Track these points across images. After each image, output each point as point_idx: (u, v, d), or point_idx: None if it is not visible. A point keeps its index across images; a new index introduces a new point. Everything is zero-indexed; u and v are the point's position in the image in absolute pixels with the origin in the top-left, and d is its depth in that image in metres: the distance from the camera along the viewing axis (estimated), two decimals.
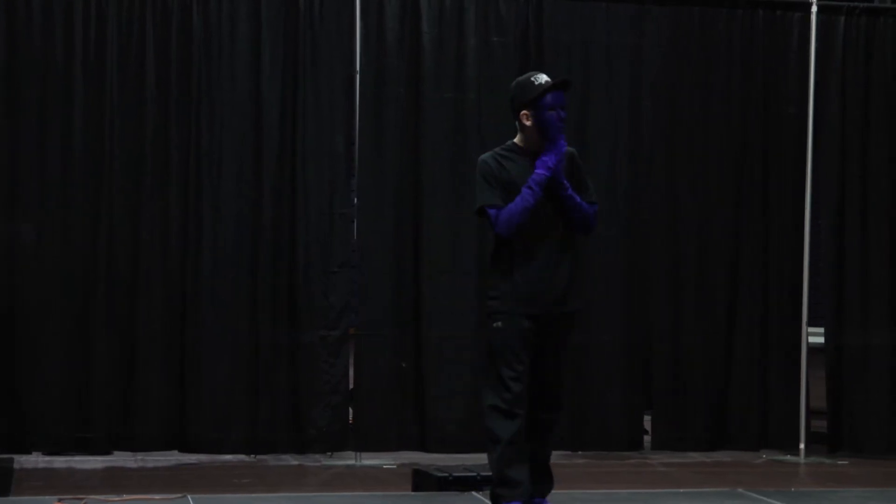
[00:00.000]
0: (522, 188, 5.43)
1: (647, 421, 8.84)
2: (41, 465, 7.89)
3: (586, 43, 8.60)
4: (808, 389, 8.80)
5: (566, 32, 8.55)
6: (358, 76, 8.24)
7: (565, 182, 5.49)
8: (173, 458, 8.09)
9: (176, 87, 8.08)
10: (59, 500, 6.32)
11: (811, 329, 8.87)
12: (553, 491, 6.31)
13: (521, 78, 5.63)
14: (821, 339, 8.96)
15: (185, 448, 8.12)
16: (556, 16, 8.55)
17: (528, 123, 5.51)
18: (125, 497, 6.63)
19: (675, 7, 8.76)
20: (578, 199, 5.52)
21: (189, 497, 6.62)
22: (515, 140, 5.59)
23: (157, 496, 6.66)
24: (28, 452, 7.99)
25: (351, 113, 8.26)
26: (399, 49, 8.35)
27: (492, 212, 5.51)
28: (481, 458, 7.98)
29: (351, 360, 8.32)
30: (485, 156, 5.62)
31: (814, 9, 8.80)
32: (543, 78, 5.52)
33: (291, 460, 8.18)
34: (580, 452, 8.55)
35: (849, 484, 7.81)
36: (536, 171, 5.45)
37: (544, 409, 5.63)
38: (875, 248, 8.91)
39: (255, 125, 8.17)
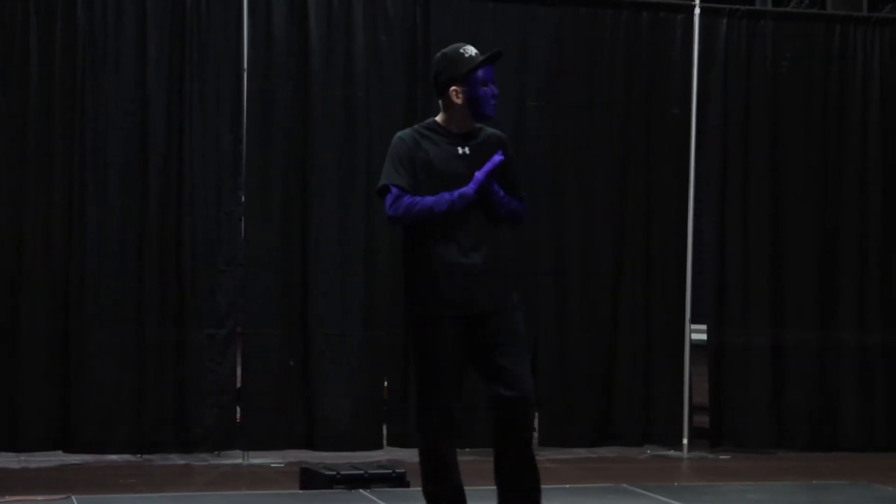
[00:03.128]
0: (444, 195, 4.94)
1: (536, 418, 8.80)
2: None
3: (473, 43, 8.43)
4: (690, 386, 8.94)
5: (453, 32, 8.39)
6: (245, 74, 8.23)
7: (495, 189, 5.01)
8: (57, 458, 8.03)
9: (60, 83, 8.03)
10: None
11: (694, 327, 8.98)
12: None
13: (447, 50, 5.10)
14: (703, 337, 9.10)
15: (70, 448, 8.04)
16: (443, 15, 8.59)
17: (457, 101, 5.00)
18: (8, 498, 6.59)
19: (561, 7, 8.86)
20: (506, 201, 5.07)
21: (73, 498, 6.62)
22: (437, 119, 5.09)
23: (40, 497, 6.64)
24: None
25: (238, 111, 8.24)
26: (287, 47, 8.34)
27: (394, 190, 4.96)
28: (369, 456, 8.10)
29: (238, 359, 8.29)
30: (402, 132, 5.11)
31: (697, 11, 8.94)
32: (473, 50, 5.06)
33: (178, 460, 8.16)
34: (468, 449, 8.46)
35: (730, 478, 7.96)
36: (470, 185, 4.95)
37: (501, 404, 5.02)
38: (755, 249, 9.08)
39: (140, 122, 8.14)
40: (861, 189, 9.27)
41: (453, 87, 5.00)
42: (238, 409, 8.30)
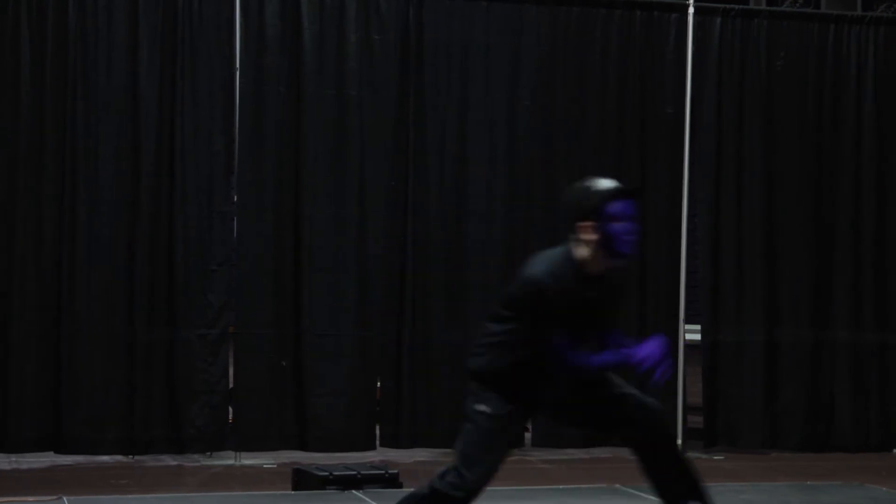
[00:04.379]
0: (594, 358, 4.72)
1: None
2: None
3: (466, 42, 8.72)
4: (685, 386, 8.99)
5: (446, 31, 8.69)
6: (238, 73, 8.27)
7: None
8: (48, 459, 8.06)
9: (51, 83, 8.07)
10: None
11: (688, 326, 9.08)
12: None
13: (579, 184, 4.83)
14: (697, 337, 9.14)
15: (61, 449, 8.06)
16: (435, 14, 8.64)
17: (588, 237, 4.71)
18: None
19: (554, 7, 8.89)
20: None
21: (65, 499, 6.63)
22: (576, 254, 4.75)
23: (31, 498, 6.67)
24: None
25: (231, 110, 8.28)
26: (279, 46, 8.40)
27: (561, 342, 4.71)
28: (362, 457, 8.12)
29: (230, 359, 8.36)
30: (541, 276, 4.71)
31: (690, 10, 9.03)
32: (606, 184, 4.76)
33: (170, 460, 8.22)
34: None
35: (724, 478, 7.94)
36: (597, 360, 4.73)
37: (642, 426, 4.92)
38: (749, 248, 9.14)
39: (132, 122, 8.19)
40: (856, 188, 9.34)
41: (583, 223, 4.71)
42: (230, 409, 8.34)
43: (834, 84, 9.30)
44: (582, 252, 4.75)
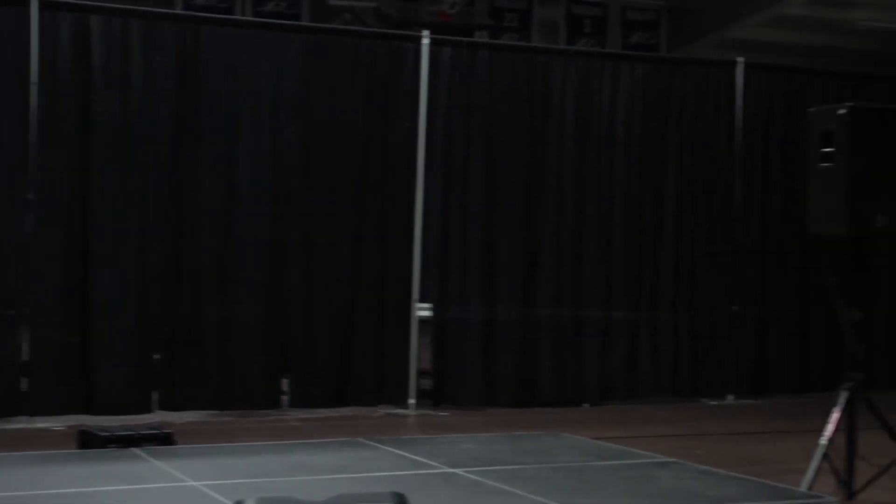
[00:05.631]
0: None
1: (286, 383, 9.09)
2: None
3: (237, 62, 8.76)
4: (417, 354, 9.27)
5: (219, 54, 8.70)
6: (35, 87, 8.22)
7: None
8: None
9: None
10: None
11: (421, 305, 9.31)
12: (195, 444, 6.56)
13: None
14: (429, 314, 9.40)
15: None
16: (211, 39, 8.70)
17: None
18: None
19: (311, 35, 9.12)
20: None
21: None
22: None
23: None
24: None
25: (27, 120, 8.24)
26: (72, 63, 8.34)
27: None
28: (141, 419, 8.15)
29: (26, 336, 8.33)
30: None
31: (424, 41, 9.26)
32: None
33: None
34: (227, 411, 8.80)
35: (448, 431, 8.31)
36: None
37: None
38: (472, 242, 9.48)
39: None
40: (558, 190, 9.70)
41: None
42: (25, 379, 8.31)
43: (543, 104, 9.62)
44: None
